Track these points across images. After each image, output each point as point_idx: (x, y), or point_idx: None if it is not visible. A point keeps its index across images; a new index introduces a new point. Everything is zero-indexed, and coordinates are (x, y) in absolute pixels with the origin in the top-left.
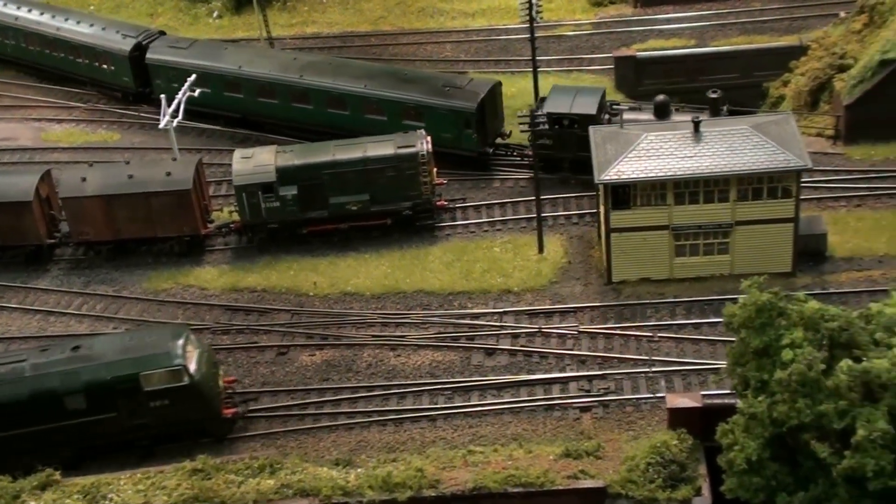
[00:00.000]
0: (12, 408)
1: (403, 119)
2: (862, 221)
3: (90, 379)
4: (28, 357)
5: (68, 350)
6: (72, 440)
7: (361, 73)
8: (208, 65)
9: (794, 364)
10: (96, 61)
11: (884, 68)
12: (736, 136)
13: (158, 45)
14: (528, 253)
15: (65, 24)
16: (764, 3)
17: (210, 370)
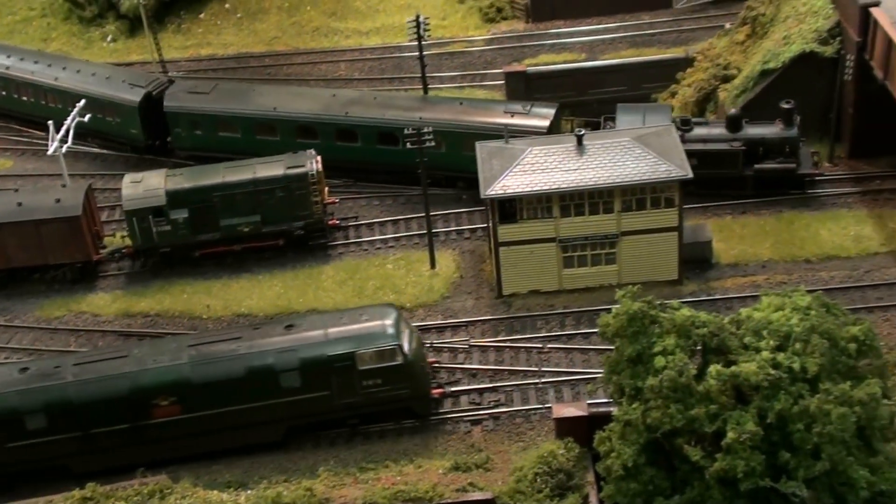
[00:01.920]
0: (229, 384)
1: (464, 150)
2: (747, 228)
3: (306, 357)
4: (243, 335)
5: (282, 328)
6: (284, 417)
7: (412, 105)
8: (238, 108)
9: (666, 371)
10: (100, 113)
11: (765, 78)
12: (618, 149)
13: (176, 93)
14: (421, 269)
15: (62, 74)
16: (653, 17)
17: (420, 349)
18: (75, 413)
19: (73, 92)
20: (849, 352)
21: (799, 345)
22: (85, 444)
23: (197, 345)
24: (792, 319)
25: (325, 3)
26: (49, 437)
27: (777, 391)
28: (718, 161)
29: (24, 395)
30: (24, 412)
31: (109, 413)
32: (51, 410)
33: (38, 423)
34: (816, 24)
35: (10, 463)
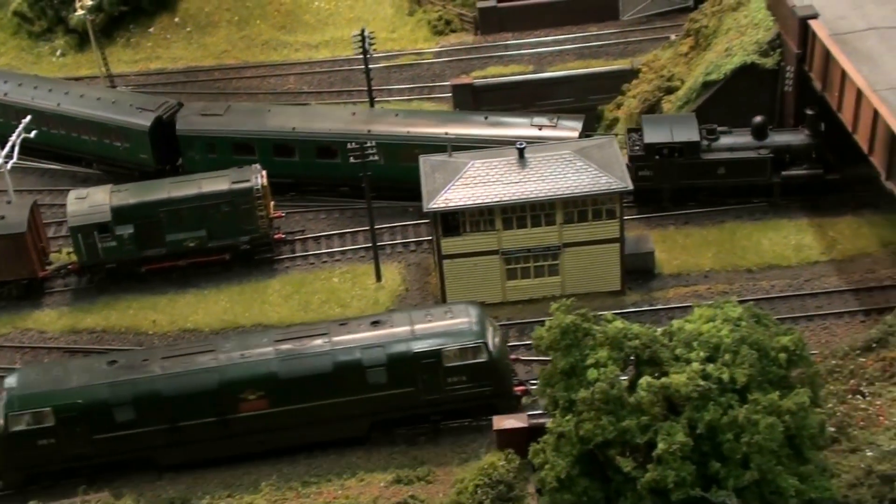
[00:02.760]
0: (316, 380)
1: None
2: (689, 238)
3: (393, 353)
4: (329, 330)
5: (368, 324)
6: (370, 413)
7: (435, 120)
8: (256, 129)
9: (598, 383)
10: (106, 138)
11: (707, 89)
12: (560, 162)
13: (188, 115)
14: (367, 282)
15: (65, 99)
16: (600, 29)
17: (504, 347)
18: (163, 406)
19: (78, 118)
20: (779, 362)
21: (728, 356)
22: (171, 436)
23: (284, 340)
24: (722, 331)
25: (275, 17)
26: (136, 429)
27: (707, 402)
28: (746, 169)
29: (113, 387)
30: (114, 404)
31: (197, 406)
32: (139, 403)
33: (126, 416)
34: (757, 36)
35: (97, 454)
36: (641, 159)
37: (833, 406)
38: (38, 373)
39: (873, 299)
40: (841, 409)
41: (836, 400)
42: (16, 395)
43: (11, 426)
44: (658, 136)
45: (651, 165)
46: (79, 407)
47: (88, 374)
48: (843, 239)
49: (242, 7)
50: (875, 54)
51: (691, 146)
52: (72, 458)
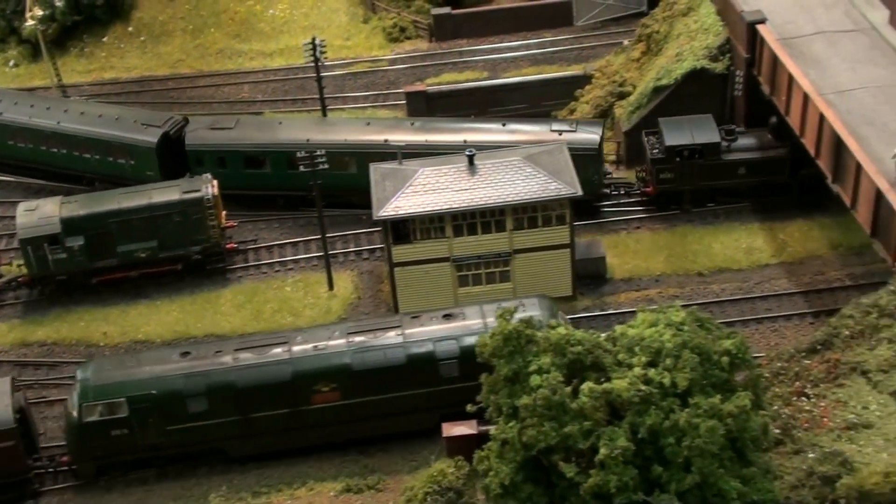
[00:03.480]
0: (389, 372)
1: None
2: (641, 243)
3: (466, 346)
4: (402, 323)
5: (440, 317)
6: (441, 405)
7: (454, 128)
8: (266, 142)
9: (540, 389)
10: (110, 156)
11: (658, 94)
12: (509, 168)
13: (197, 130)
14: (319, 290)
15: (65, 117)
16: (554, 35)
17: None
18: (237, 397)
19: (79, 136)
20: (721, 365)
21: (670, 360)
22: (244, 428)
23: (357, 332)
24: (664, 335)
25: (230, 25)
26: (209, 420)
27: (648, 406)
28: (767, 168)
29: (188, 378)
30: (188, 395)
31: (270, 398)
32: (213, 394)
33: (199, 407)
34: (707, 41)
35: (169, 445)
36: (662, 162)
37: (778, 408)
38: (111, 363)
39: (822, 301)
40: (786, 411)
41: (782, 402)
42: (90, 385)
43: (85, 416)
44: (679, 138)
45: (672, 168)
46: (153, 397)
47: (162, 364)
48: (793, 242)
49: (197, 16)
50: (822, 58)
51: (712, 147)
52: (144, 449)
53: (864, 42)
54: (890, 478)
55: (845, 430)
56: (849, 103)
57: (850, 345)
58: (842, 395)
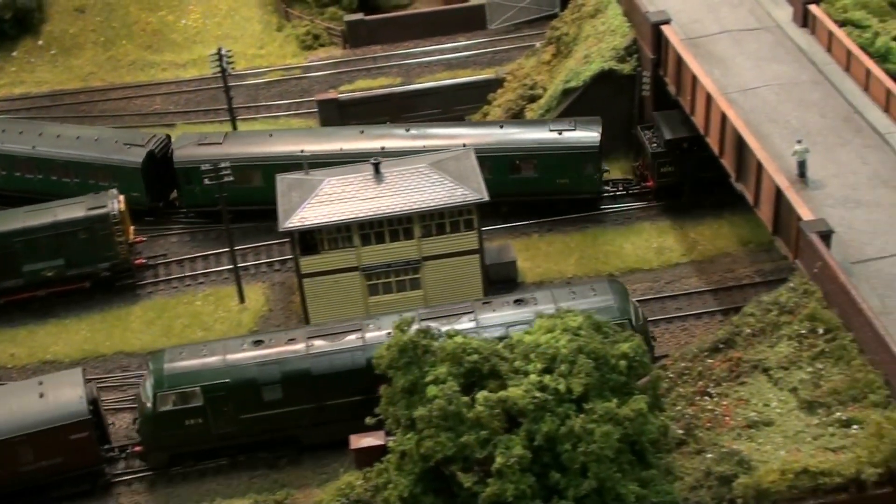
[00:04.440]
0: None
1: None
2: (552, 245)
3: None
4: (474, 309)
5: (512, 302)
6: None
7: (449, 132)
8: (259, 154)
9: (436, 400)
10: (92, 179)
11: (567, 97)
12: (415, 175)
13: (184, 147)
14: (230, 304)
15: (41, 141)
16: (468, 39)
17: (645, 325)
18: (311, 385)
19: (57, 160)
20: (619, 369)
21: (565, 366)
22: (318, 415)
23: (430, 318)
24: (560, 341)
25: (142, 37)
26: (284, 408)
27: (544, 413)
28: None
29: (262, 366)
30: (262, 383)
31: (344, 385)
32: (287, 382)
33: (273, 395)
34: (614, 42)
35: (243, 434)
36: (662, 156)
37: (681, 408)
38: (185, 352)
39: (731, 298)
40: (689, 411)
41: (685, 402)
42: (164, 374)
43: (160, 406)
44: (677, 131)
45: (673, 161)
46: (228, 386)
47: (235, 353)
48: (703, 240)
49: (108, 28)
50: (727, 57)
51: None
52: (218, 438)
53: (768, 40)
54: (786, 475)
55: (746, 428)
56: (752, 101)
57: (752, 343)
58: (744, 394)
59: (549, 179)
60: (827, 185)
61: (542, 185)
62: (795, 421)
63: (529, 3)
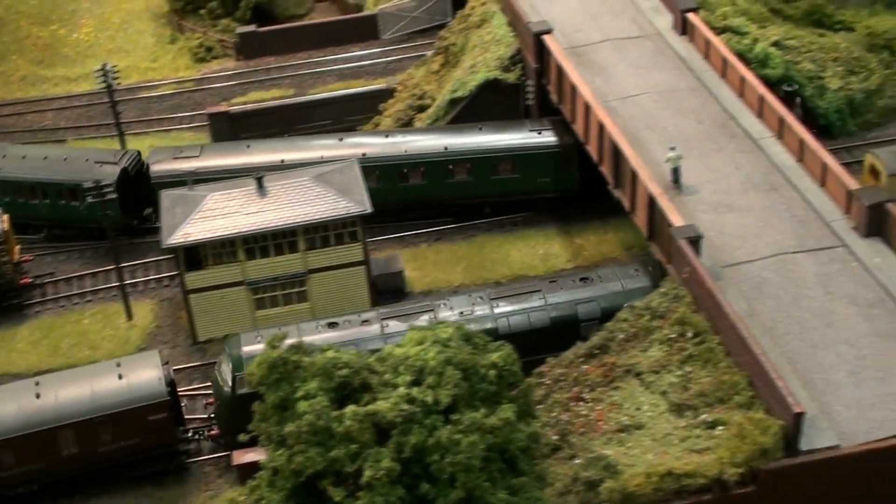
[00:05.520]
0: (534, 334)
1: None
2: (440, 255)
3: (607, 307)
4: (541, 288)
5: (577, 280)
6: None
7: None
8: (239, 165)
9: (306, 415)
10: (62, 199)
11: (454, 106)
12: (299, 189)
13: (160, 161)
14: (118, 321)
15: (5, 163)
16: (362, 49)
17: None
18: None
19: (26, 182)
20: (489, 379)
21: (433, 378)
22: None
23: (500, 297)
24: (429, 353)
25: (33, 51)
26: None
27: (412, 425)
28: None
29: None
30: None
31: None
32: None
33: None
34: (499, 52)
35: None
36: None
37: (557, 414)
38: (259, 336)
39: None
40: (564, 416)
41: (560, 408)
42: (242, 356)
43: (239, 388)
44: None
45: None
46: None
47: (311, 335)
48: (588, 245)
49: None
50: (608, 65)
51: None
52: None
53: (649, 48)
54: (651, 478)
55: (617, 432)
56: (631, 109)
57: (625, 347)
58: (617, 398)
59: (531, 179)
60: (700, 190)
61: (523, 185)
62: (665, 424)
63: (421, 12)
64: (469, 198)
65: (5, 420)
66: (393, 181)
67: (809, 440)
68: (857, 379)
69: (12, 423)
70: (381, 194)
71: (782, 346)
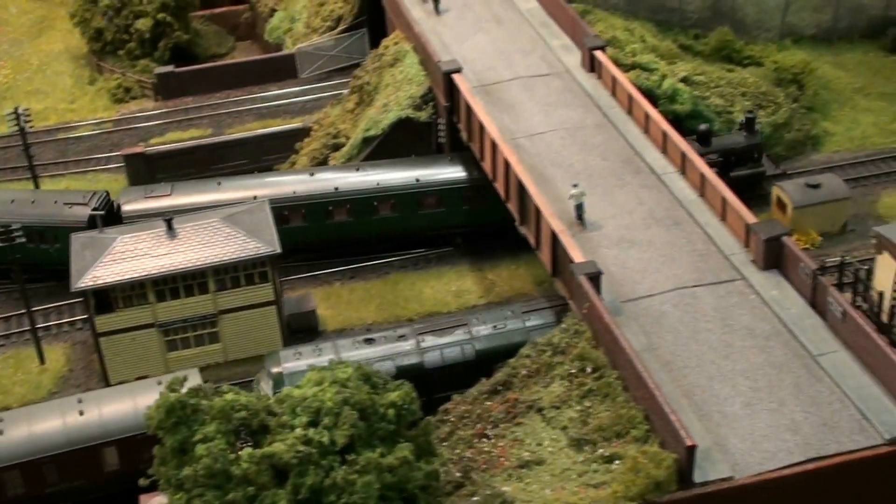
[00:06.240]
0: None
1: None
2: (354, 293)
3: None
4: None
5: None
6: None
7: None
8: (212, 202)
9: (203, 459)
10: (31, 243)
11: (367, 145)
12: (208, 230)
13: (132, 200)
14: (30, 366)
15: None
16: (280, 88)
17: None
18: (425, 378)
19: None
20: (388, 418)
21: (329, 419)
22: (428, 408)
23: (530, 311)
24: (327, 394)
25: None
26: None
27: (308, 467)
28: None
29: (379, 362)
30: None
31: (455, 378)
32: (402, 376)
33: None
34: (411, 90)
35: None
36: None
37: (461, 451)
38: (299, 352)
39: None
40: (468, 453)
41: (464, 445)
42: (283, 374)
43: None
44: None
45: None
46: None
47: (349, 350)
48: (500, 281)
49: None
50: (517, 103)
51: None
52: None
53: (557, 85)
54: None
55: (518, 468)
56: (539, 146)
57: (528, 384)
58: (519, 434)
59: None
60: (604, 226)
61: (496, 214)
62: (564, 459)
63: (339, 51)
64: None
65: (50, 436)
66: (369, 214)
67: (703, 472)
68: (752, 410)
69: (56, 439)
70: (352, 228)
71: (680, 379)
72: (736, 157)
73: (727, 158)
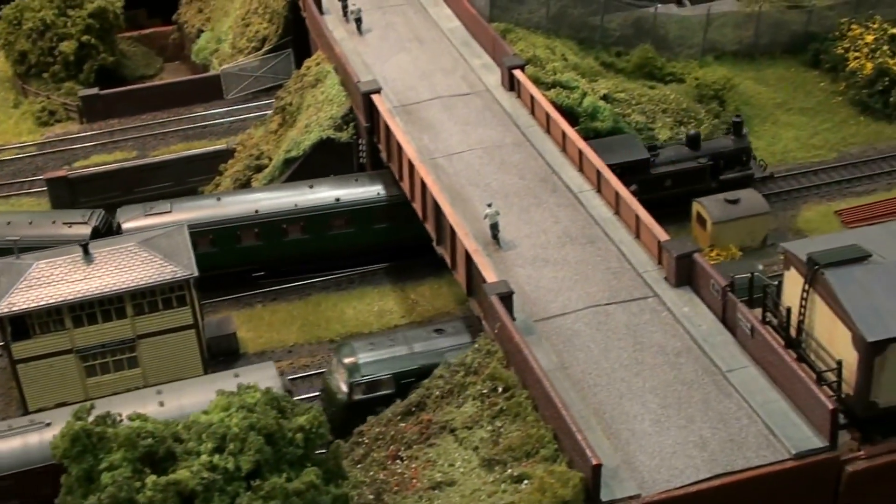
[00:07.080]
0: None
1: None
2: (276, 314)
3: None
4: None
5: None
6: None
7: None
8: (215, 218)
9: (108, 487)
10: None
11: (289, 166)
12: (125, 254)
13: (132, 218)
14: None
15: None
16: (206, 109)
17: None
18: None
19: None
20: (296, 442)
21: (235, 444)
22: None
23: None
24: (233, 419)
25: None
26: None
27: (213, 493)
28: (690, 178)
29: (449, 353)
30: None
31: None
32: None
33: None
34: (332, 111)
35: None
36: None
37: (374, 473)
38: (368, 342)
39: None
40: (381, 475)
41: (378, 467)
42: (358, 363)
43: (355, 394)
44: (612, 157)
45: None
46: (417, 372)
47: (420, 342)
48: (423, 300)
49: None
50: (437, 122)
51: (643, 163)
52: None
53: (477, 104)
54: None
55: (429, 489)
56: (457, 165)
57: (441, 404)
58: (432, 455)
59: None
60: (519, 245)
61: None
62: (475, 479)
63: (265, 71)
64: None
65: None
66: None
67: (610, 491)
68: (661, 427)
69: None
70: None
71: (590, 397)
72: (725, 160)
73: (717, 162)
